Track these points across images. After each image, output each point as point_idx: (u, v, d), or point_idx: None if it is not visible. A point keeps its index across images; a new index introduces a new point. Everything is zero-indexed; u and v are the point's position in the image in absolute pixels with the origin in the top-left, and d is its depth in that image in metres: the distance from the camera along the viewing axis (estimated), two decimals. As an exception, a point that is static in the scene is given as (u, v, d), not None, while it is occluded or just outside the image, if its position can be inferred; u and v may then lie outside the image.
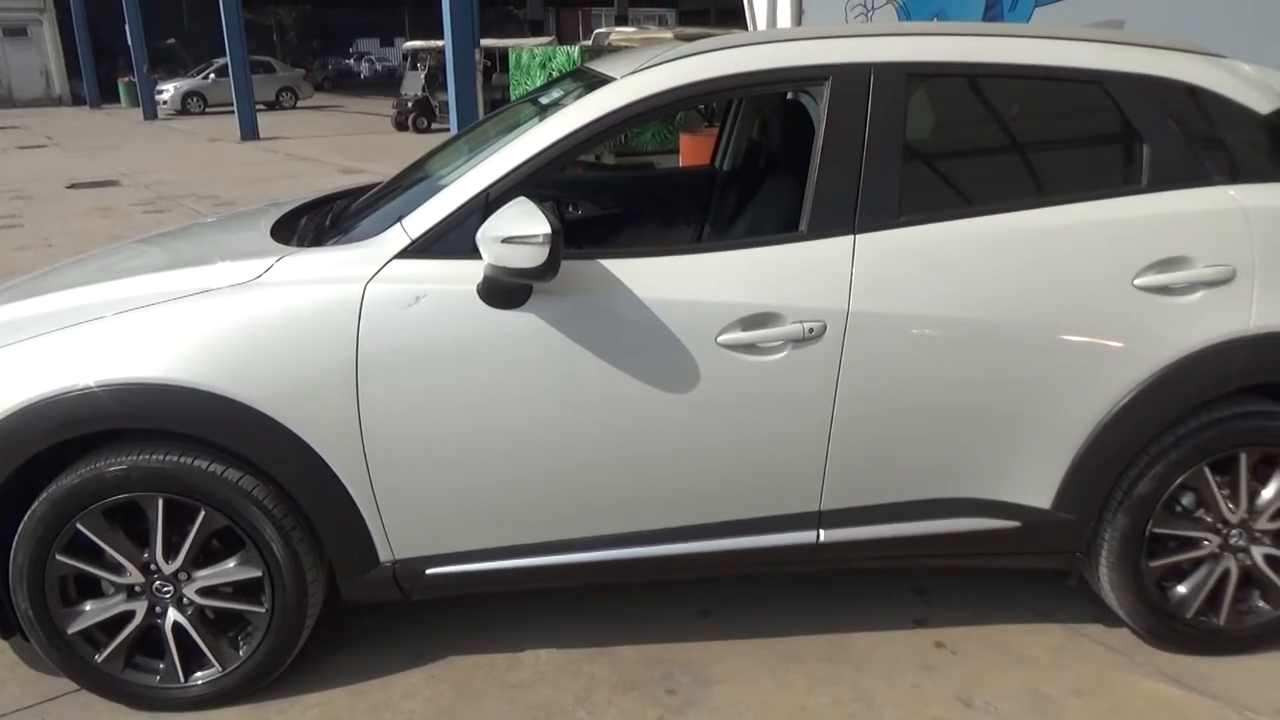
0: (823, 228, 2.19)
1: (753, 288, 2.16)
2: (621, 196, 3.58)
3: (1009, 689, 2.36)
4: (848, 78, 2.23)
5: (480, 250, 2.02)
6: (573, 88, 2.59)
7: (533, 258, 1.98)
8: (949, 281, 2.20)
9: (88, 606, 2.25)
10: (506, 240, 1.98)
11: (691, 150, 7.32)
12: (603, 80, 2.34)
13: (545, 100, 2.76)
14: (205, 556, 2.24)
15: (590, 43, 10.05)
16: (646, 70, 2.26)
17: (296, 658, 2.35)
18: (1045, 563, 2.48)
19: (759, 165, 3.29)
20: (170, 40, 32.97)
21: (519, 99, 3.42)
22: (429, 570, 2.29)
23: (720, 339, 2.14)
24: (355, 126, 20.01)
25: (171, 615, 2.25)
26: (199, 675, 2.30)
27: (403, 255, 2.14)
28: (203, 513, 2.16)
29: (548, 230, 1.96)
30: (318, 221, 2.70)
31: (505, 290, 2.08)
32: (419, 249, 2.15)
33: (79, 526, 2.15)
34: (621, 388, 2.15)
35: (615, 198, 3.57)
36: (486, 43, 11.96)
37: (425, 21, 32.07)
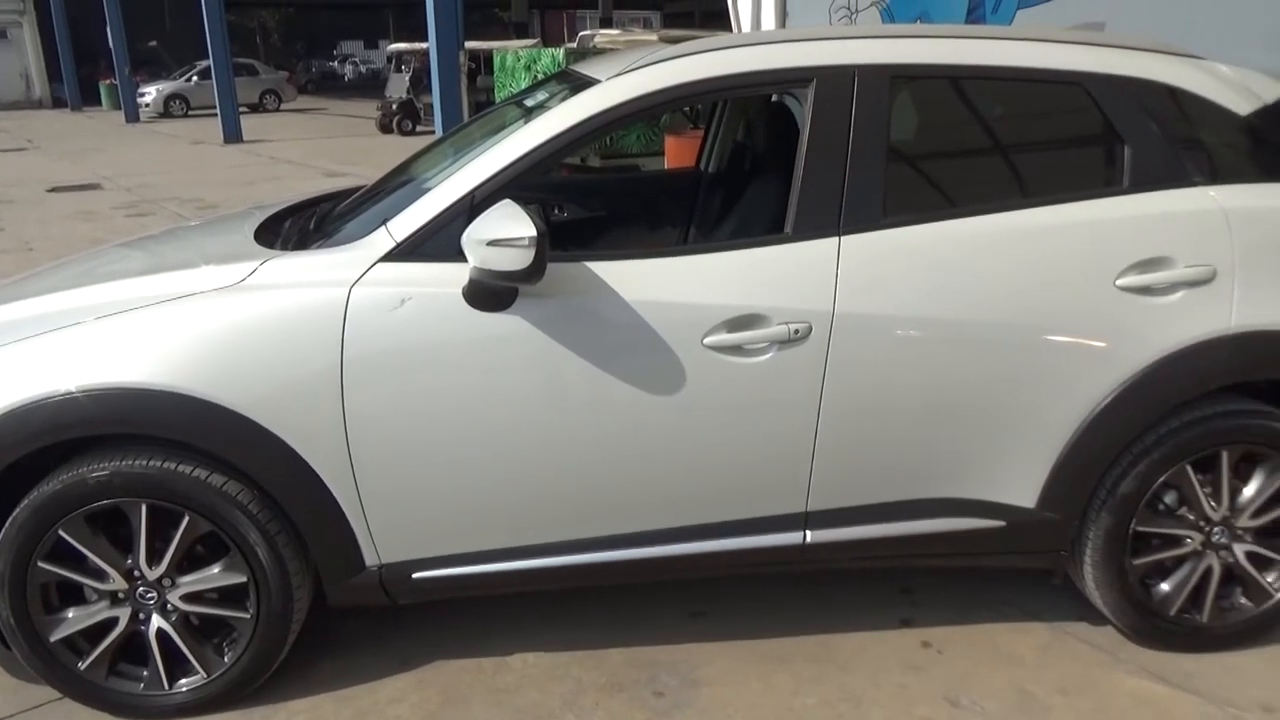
0: (808, 229, 2.20)
1: (738, 289, 2.17)
2: (607, 199, 3.58)
3: (995, 688, 2.37)
4: (832, 80, 2.24)
5: (465, 253, 2.01)
6: (558, 90, 2.59)
7: (518, 260, 1.97)
8: (933, 282, 2.21)
9: (70, 613, 2.23)
10: (492, 243, 1.97)
11: (677, 152, 7.33)
12: (588, 82, 2.34)
13: (530, 103, 2.76)
14: (189, 562, 2.23)
15: (575, 45, 10.05)
16: (631, 72, 2.26)
17: (282, 663, 2.34)
18: (1030, 562, 2.49)
19: (744, 167, 3.29)
20: (152, 42, 32.77)
21: (504, 101, 3.42)
22: (415, 574, 2.28)
23: (706, 341, 2.14)
24: (339, 129, 19.94)
25: (155, 622, 2.23)
26: (183, 682, 2.28)
27: (388, 258, 2.14)
28: (187, 518, 2.15)
29: (533, 233, 1.96)
30: (302, 225, 2.69)
31: (491, 293, 2.07)
32: (404, 252, 2.14)
33: (61, 533, 2.13)
34: (608, 390, 2.15)
35: (601, 200, 3.57)
36: (471, 45, 11.95)
37: (410, 24, 32.03)
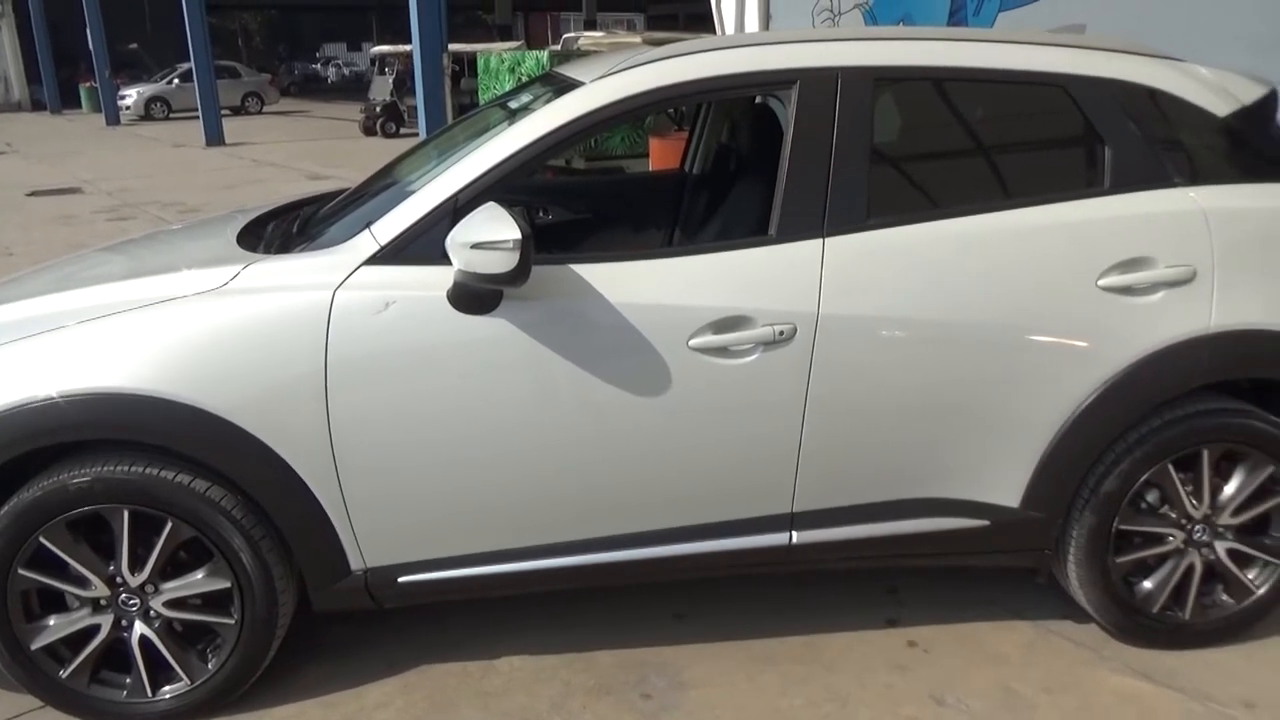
0: (792, 231, 2.20)
1: (723, 291, 2.17)
2: (592, 201, 3.58)
3: (980, 687, 2.38)
4: (815, 82, 2.24)
5: (450, 256, 2.01)
6: (542, 92, 2.59)
7: (503, 263, 1.97)
8: (917, 283, 2.22)
9: (51, 621, 2.21)
10: (476, 246, 1.97)
11: (661, 154, 7.33)
12: (572, 85, 2.34)
13: (514, 105, 2.76)
14: (172, 568, 2.21)
15: (559, 47, 10.04)
16: (615, 75, 2.26)
17: (267, 669, 2.32)
18: (1015, 561, 2.50)
19: (728, 169, 3.30)
20: (133, 45, 32.56)
21: (488, 104, 3.42)
22: (401, 578, 2.27)
23: (692, 342, 2.15)
24: (322, 131, 19.85)
25: (138, 628, 2.22)
26: (167, 689, 2.26)
27: (372, 261, 2.13)
28: (170, 524, 2.13)
29: (518, 235, 1.95)
30: (285, 228, 2.68)
31: (475, 296, 2.07)
32: (388, 255, 2.13)
33: (42, 540, 2.11)
34: (593, 392, 2.15)
35: (585, 202, 3.57)
36: (455, 47, 11.91)
37: (393, 26, 31.92)
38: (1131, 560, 2.43)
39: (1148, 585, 2.46)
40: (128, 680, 2.27)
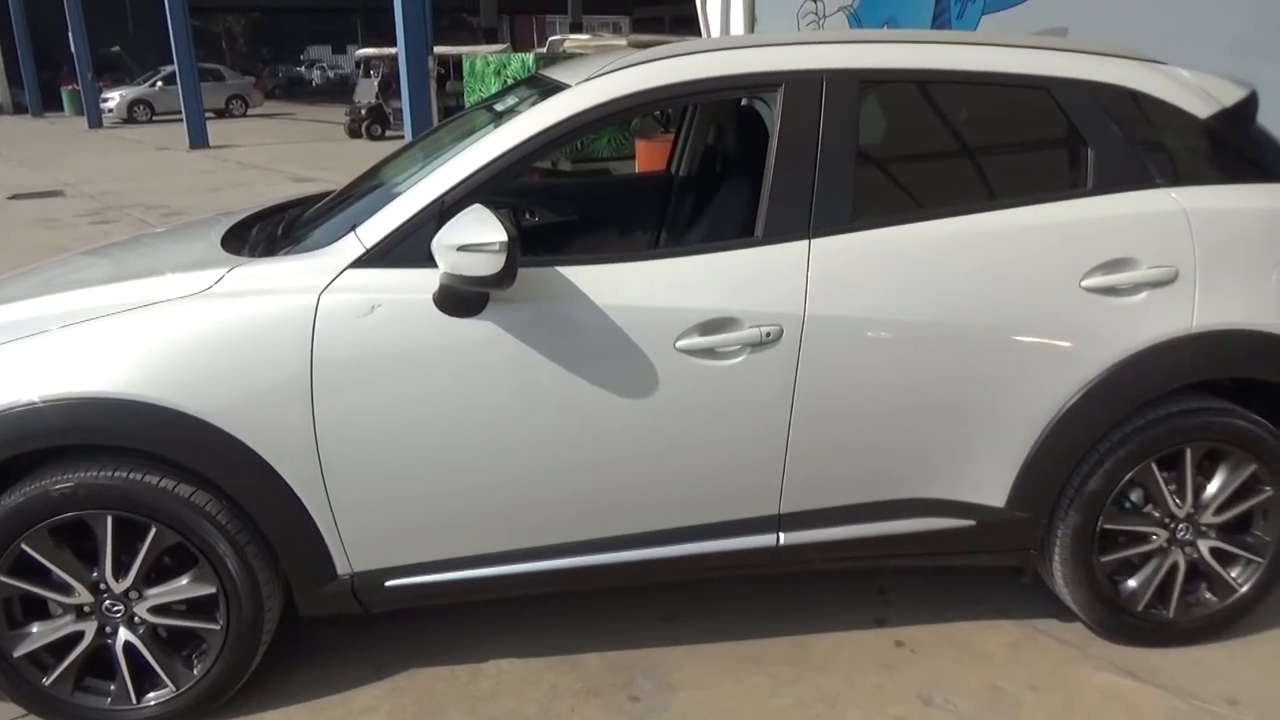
0: (778, 232, 2.21)
1: (710, 293, 2.17)
2: (578, 203, 3.58)
3: (968, 686, 2.39)
4: (801, 84, 2.25)
5: (436, 258, 2.00)
6: (527, 95, 2.59)
7: (489, 265, 1.97)
8: (902, 284, 2.23)
9: (34, 628, 2.19)
10: (462, 248, 1.96)
11: (647, 156, 7.35)
12: (557, 87, 2.34)
13: (500, 107, 2.75)
14: (157, 574, 2.19)
15: (545, 50, 10.03)
16: (601, 77, 2.26)
17: (253, 674, 2.31)
18: (1001, 560, 2.52)
19: (714, 171, 3.31)
20: (115, 47, 32.34)
21: (473, 106, 3.41)
22: (388, 582, 2.27)
23: (679, 344, 2.15)
24: (307, 134, 19.77)
25: (122, 635, 2.20)
26: (151, 696, 2.25)
27: (357, 264, 2.12)
28: (154, 529, 2.11)
29: (504, 238, 1.95)
30: (269, 231, 2.67)
31: (462, 298, 2.06)
32: (374, 258, 2.13)
33: (24, 546, 2.09)
34: (580, 395, 2.15)
35: (572, 204, 3.57)
36: (440, 50, 11.90)
37: (378, 29, 31.82)
38: (1116, 559, 2.45)
39: (1132, 584, 2.48)
40: (112, 687, 2.25)
